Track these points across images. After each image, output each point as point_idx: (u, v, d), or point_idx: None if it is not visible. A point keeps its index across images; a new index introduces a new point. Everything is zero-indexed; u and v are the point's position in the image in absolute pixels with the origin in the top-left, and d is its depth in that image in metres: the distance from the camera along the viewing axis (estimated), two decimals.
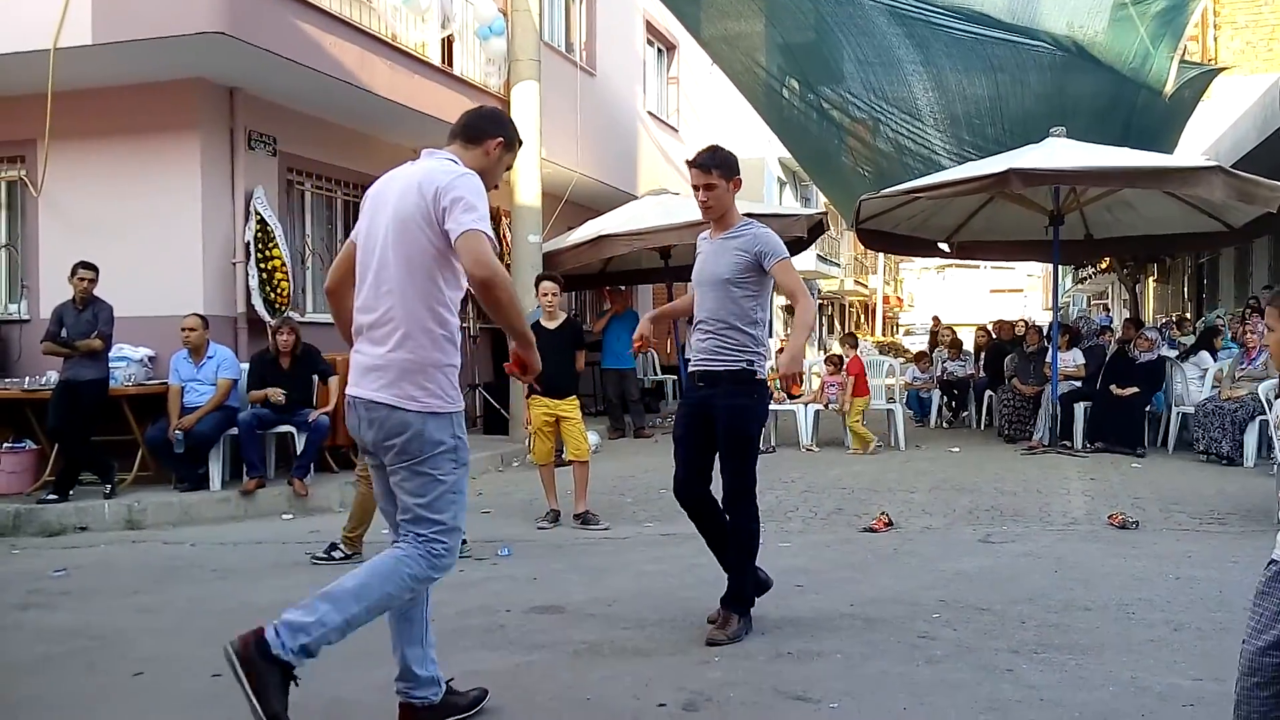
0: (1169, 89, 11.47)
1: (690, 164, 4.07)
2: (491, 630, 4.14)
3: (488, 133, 3.11)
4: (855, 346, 10.84)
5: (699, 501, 4.08)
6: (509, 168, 3.21)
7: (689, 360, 4.21)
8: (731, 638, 3.88)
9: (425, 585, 2.95)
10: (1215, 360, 9.70)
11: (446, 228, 2.81)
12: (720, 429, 3.94)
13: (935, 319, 26.67)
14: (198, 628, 4.28)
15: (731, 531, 4.02)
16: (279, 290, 8.31)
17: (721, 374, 3.94)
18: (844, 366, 10.18)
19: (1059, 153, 9.08)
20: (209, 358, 7.32)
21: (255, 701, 2.64)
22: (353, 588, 2.81)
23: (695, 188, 4.03)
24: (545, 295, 6.56)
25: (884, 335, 40.85)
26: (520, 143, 3.21)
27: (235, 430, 7.20)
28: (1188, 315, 15.68)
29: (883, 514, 6.29)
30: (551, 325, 6.59)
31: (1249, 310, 10.71)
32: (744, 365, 3.93)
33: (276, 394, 7.18)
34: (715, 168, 3.99)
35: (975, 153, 12.17)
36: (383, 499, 3.09)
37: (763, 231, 4.01)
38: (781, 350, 10.77)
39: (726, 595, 4.01)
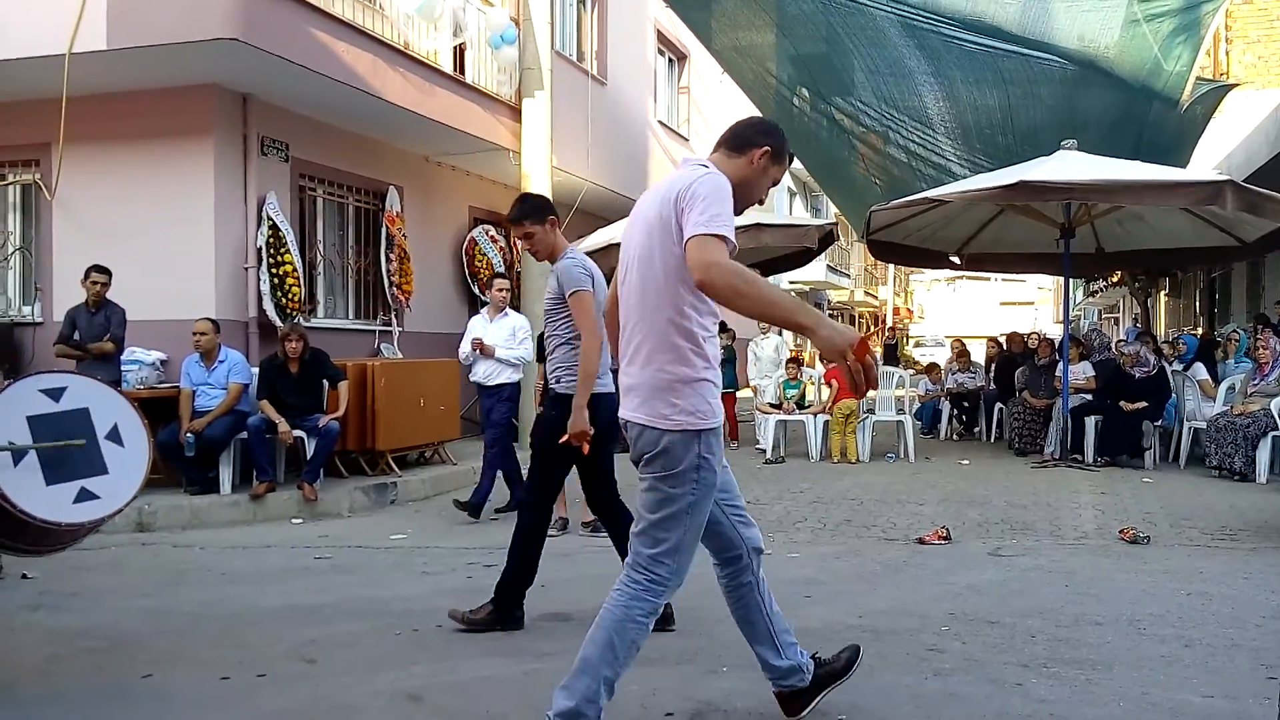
0: (1187, 94, 11.43)
1: (505, 221, 4.41)
2: (498, 637, 4.14)
3: (754, 142, 2.90)
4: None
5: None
6: (776, 182, 2.98)
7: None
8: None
9: (655, 613, 2.86)
10: (1214, 372, 9.75)
11: (683, 230, 2.63)
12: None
13: (892, 329, 26.71)
14: (207, 630, 4.29)
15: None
16: (290, 295, 8.34)
17: (560, 395, 4.32)
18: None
19: (1070, 165, 9.06)
20: (220, 362, 7.34)
21: None
22: (598, 655, 2.80)
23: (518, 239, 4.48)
24: None
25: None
26: (791, 157, 3.03)
27: (245, 434, 7.22)
28: (1196, 330, 15.61)
29: (942, 527, 6.26)
30: None
31: (1261, 325, 10.66)
32: (552, 381, 4.39)
33: (288, 435, 7.20)
34: (524, 219, 4.34)
35: (987, 160, 12.16)
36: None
37: (564, 264, 4.31)
38: (793, 360, 10.77)
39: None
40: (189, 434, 7.08)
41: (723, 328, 12.76)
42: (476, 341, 7.00)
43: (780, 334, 11.64)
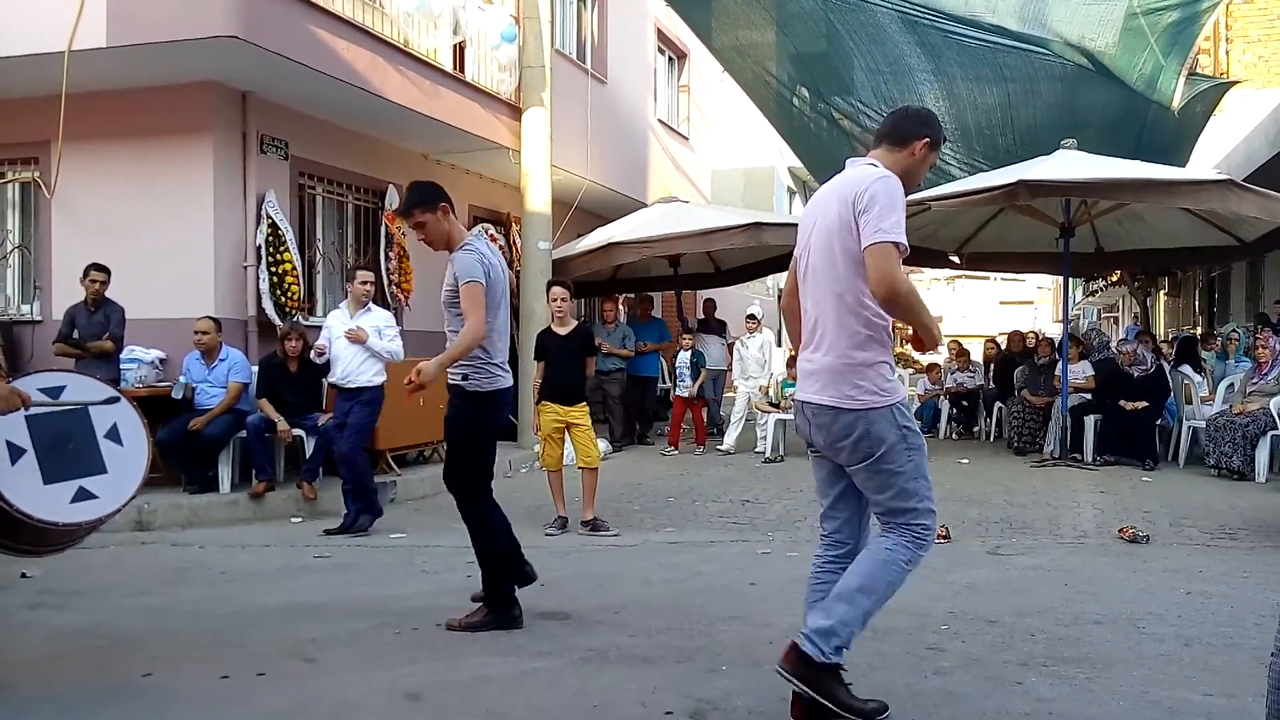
0: (1176, 103, 11.43)
1: (395, 213, 4.39)
2: (498, 636, 4.14)
3: (915, 134, 3.12)
4: None
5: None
6: (932, 165, 3.22)
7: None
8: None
9: (916, 564, 3.07)
10: (1199, 373, 9.76)
11: (861, 234, 2.89)
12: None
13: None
14: (206, 629, 4.29)
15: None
16: (289, 294, 8.33)
17: (468, 393, 4.22)
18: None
19: (1070, 165, 9.06)
20: (221, 360, 7.34)
21: (833, 705, 2.95)
22: (858, 585, 3.00)
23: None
24: (555, 301, 6.56)
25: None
26: (945, 139, 3.21)
27: (245, 433, 7.22)
28: (1195, 330, 15.61)
29: (941, 526, 6.22)
30: (562, 331, 6.61)
31: (1261, 324, 10.67)
32: (458, 379, 4.21)
33: (287, 434, 7.22)
34: (414, 208, 4.29)
35: (986, 163, 12.15)
36: (819, 485, 3.24)
37: (459, 254, 4.22)
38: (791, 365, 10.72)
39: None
40: (180, 383, 7.11)
41: (701, 327, 12.60)
42: (352, 333, 6.61)
43: (763, 332, 11.36)
